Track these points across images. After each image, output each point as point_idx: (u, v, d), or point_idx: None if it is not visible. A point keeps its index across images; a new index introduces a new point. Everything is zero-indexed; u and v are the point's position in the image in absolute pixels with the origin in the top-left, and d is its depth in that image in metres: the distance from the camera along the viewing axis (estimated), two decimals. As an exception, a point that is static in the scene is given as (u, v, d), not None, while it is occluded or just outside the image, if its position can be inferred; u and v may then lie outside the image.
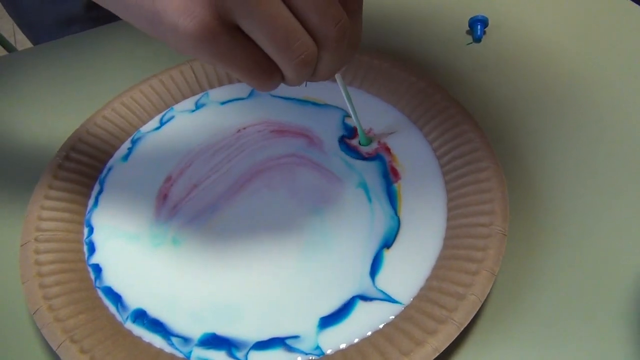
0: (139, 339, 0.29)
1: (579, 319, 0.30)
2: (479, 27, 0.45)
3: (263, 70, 0.24)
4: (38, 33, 0.60)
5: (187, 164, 0.37)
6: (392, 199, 0.34)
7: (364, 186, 0.35)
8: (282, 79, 0.25)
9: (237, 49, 0.23)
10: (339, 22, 0.23)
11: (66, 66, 0.47)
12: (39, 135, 0.41)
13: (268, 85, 0.25)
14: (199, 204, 0.35)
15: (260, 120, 0.39)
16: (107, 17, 0.52)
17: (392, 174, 0.35)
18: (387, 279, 0.31)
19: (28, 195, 0.35)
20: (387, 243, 0.32)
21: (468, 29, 0.46)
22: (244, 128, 0.39)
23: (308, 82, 0.29)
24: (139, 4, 0.23)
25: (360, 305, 0.30)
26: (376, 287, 0.30)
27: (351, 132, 0.38)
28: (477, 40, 0.45)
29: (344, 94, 0.34)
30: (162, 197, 0.36)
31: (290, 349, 0.28)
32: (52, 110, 0.43)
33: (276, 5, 0.22)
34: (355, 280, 0.31)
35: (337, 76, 0.32)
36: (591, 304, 0.30)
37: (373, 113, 0.39)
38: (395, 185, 0.35)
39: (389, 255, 0.32)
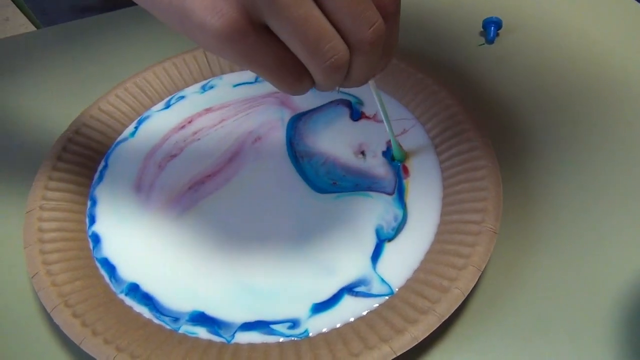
0: (129, 308, 0.30)
1: (561, 319, 0.30)
2: (492, 28, 0.45)
3: (291, 73, 0.23)
4: (52, 19, 0.61)
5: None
6: (401, 194, 0.35)
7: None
8: (312, 83, 0.24)
9: (264, 50, 0.22)
10: (374, 25, 0.22)
11: (84, 47, 0.48)
12: (53, 111, 0.43)
13: (297, 88, 0.24)
14: (196, 176, 0.37)
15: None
16: (122, 7, 0.53)
17: (403, 171, 0.36)
18: (383, 269, 0.31)
19: (39, 167, 0.36)
20: (390, 237, 0.33)
21: (481, 30, 0.46)
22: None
23: (340, 88, 0.28)
24: (169, 1, 0.22)
25: (349, 295, 0.30)
26: (377, 273, 0.31)
27: (359, 115, 0.39)
28: (490, 41, 0.45)
29: (377, 103, 0.33)
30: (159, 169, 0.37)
31: (273, 332, 0.29)
32: (67, 89, 0.45)
33: (307, 5, 0.21)
34: (354, 270, 0.31)
35: (371, 83, 0.30)
36: (575, 306, 0.30)
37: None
38: (405, 181, 0.35)
39: (388, 246, 0.32)
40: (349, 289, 0.30)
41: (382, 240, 0.32)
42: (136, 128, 0.40)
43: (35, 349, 0.31)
